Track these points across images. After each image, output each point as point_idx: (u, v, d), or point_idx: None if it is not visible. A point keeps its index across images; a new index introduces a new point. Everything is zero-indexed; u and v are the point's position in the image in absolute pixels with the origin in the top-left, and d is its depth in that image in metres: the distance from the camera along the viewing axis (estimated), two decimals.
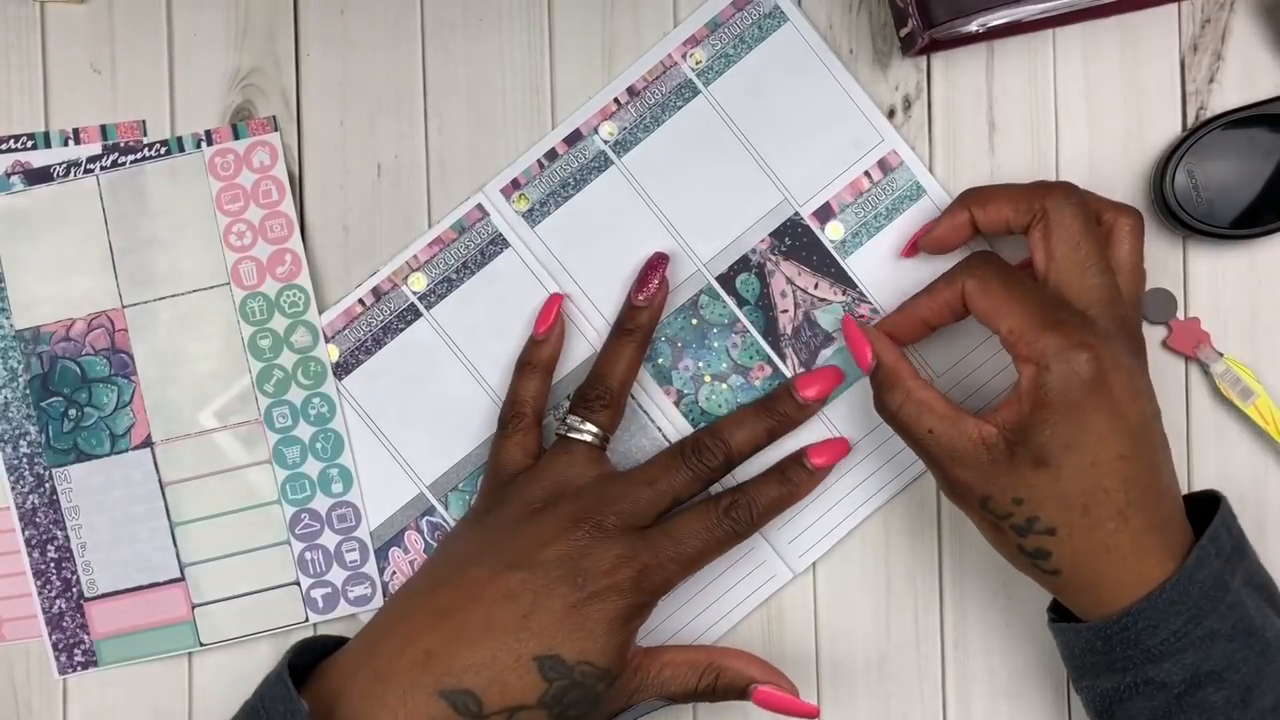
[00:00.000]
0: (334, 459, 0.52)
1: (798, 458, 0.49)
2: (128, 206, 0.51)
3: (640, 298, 0.49)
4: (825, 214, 0.52)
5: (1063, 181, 0.46)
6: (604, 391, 0.48)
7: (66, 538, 0.51)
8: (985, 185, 0.48)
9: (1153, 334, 0.52)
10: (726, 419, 0.49)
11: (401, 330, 0.52)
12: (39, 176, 0.51)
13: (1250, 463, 0.52)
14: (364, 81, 0.52)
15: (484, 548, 0.46)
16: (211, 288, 0.52)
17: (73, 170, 0.51)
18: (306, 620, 0.51)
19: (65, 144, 0.51)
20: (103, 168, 0.51)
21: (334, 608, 0.51)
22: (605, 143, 0.52)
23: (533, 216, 0.52)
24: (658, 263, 0.50)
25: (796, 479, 0.48)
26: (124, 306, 0.51)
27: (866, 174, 0.52)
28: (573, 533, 0.45)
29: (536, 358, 0.50)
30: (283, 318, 0.51)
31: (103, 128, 0.51)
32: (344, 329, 0.52)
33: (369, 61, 0.52)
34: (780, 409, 0.49)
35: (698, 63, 0.52)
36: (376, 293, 0.52)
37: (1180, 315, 0.52)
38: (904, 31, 0.50)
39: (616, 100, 0.52)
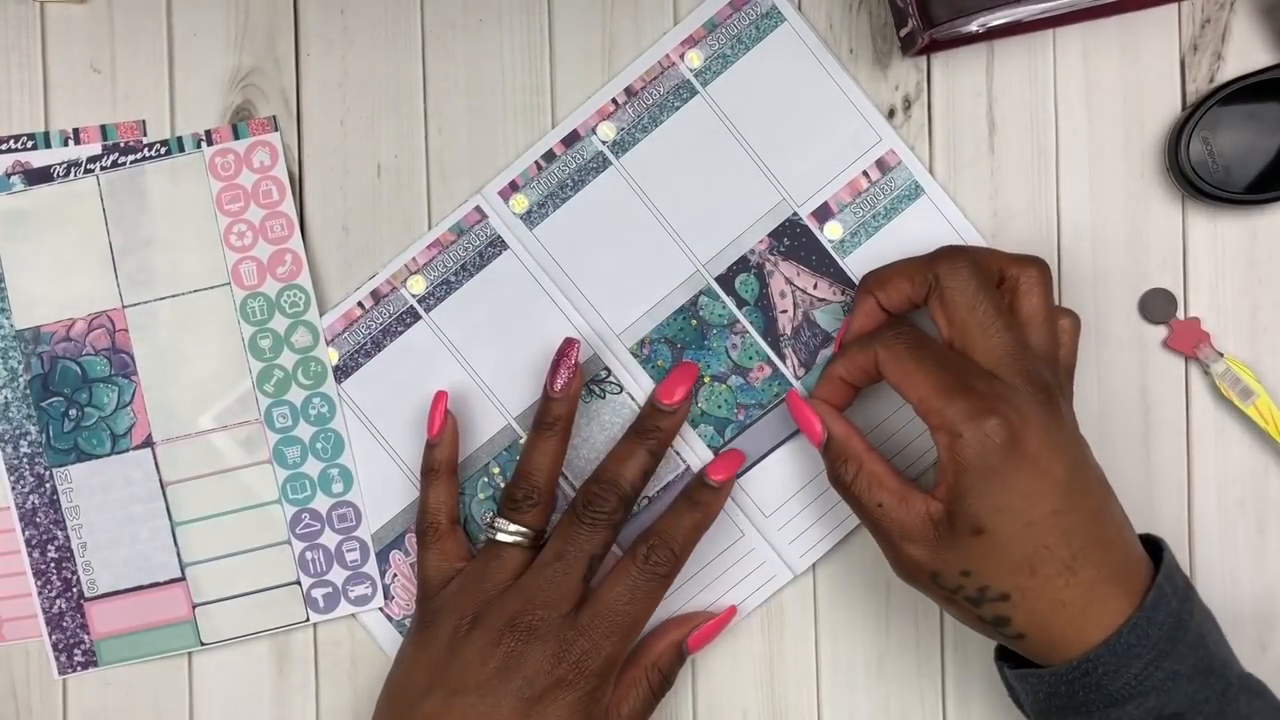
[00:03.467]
0: (334, 459, 0.52)
1: (699, 479, 0.48)
2: (128, 206, 0.51)
3: (557, 389, 0.48)
4: (824, 214, 0.52)
5: (951, 246, 0.46)
6: (531, 490, 0.48)
7: (67, 538, 0.51)
8: (884, 266, 0.47)
9: (1153, 334, 0.52)
10: (607, 459, 0.48)
11: (401, 333, 0.52)
12: (39, 176, 0.51)
13: (1250, 463, 0.52)
14: (364, 81, 0.52)
15: (430, 677, 0.46)
16: (212, 288, 0.52)
17: (73, 170, 0.51)
18: (307, 620, 0.51)
19: (65, 144, 0.51)
20: (103, 168, 0.51)
21: (334, 607, 0.51)
22: (603, 143, 0.52)
23: (531, 218, 0.52)
24: (568, 349, 0.48)
25: (704, 500, 0.48)
26: (124, 306, 0.51)
27: (865, 174, 0.52)
28: (505, 643, 0.45)
29: (435, 462, 0.49)
30: (283, 318, 0.51)
31: (103, 128, 0.51)
32: (343, 332, 0.52)
33: (369, 61, 0.52)
34: (652, 424, 0.48)
35: (695, 63, 0.52)
36: (375, 296, 0.52)
37: (1180, 315, 0.52)
38: (904, 31, 0.50)
39: (614, 101, 0.52)
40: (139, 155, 0.51)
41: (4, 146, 0.51)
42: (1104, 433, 0.52)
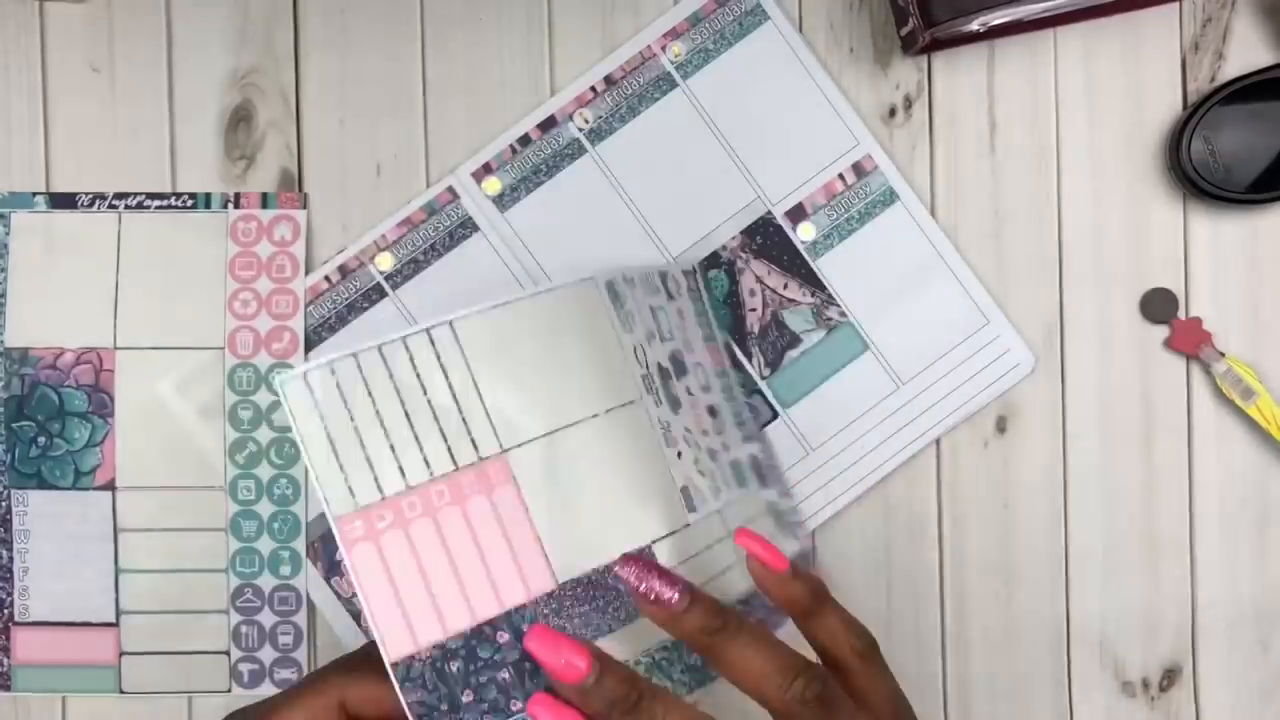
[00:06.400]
0: (288, 541, 0.51)
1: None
2: (142, 251, 0.51)
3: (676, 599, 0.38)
4: (798, 214, 0.51)
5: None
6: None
7: (10, 559, 0.51)
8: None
9: (1154, 334, 0.52)
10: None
11: (365, 309, 0.51)
12: (63, 201, 0.51)
13: (1251, 463, 0.52)
14: (364, 81, 0.52)
15: None
16: (205, 349, 0.51)
17: (97, 202, 0.51)
18: (229, 690, 0.51)
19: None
20: (127, 206, 0.51)
21: (258, 685, 0.51)
22: (580, 130, 0.51)
23: (503, 201, 0.51)
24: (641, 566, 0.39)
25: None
26: (116, 348, 0.51)
27: (840, 176, 0.51)
28: None
29: None
30: (268, 393, 0.51)
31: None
32: (309, 304, 0.51)
33: (369, 61, 0.52)
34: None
35: (676, 55, 0.51)
36: (343, 270, 0.51)
37: (1182, 315, 0.52)
38: (904, 31, 0.50)
39: (593, 88, 0.51)
40: (164, 203, 0.51)
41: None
42: (1105, 432, 0.52)
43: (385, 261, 0.51)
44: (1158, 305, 0.51)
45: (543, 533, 0.39)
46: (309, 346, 0.51)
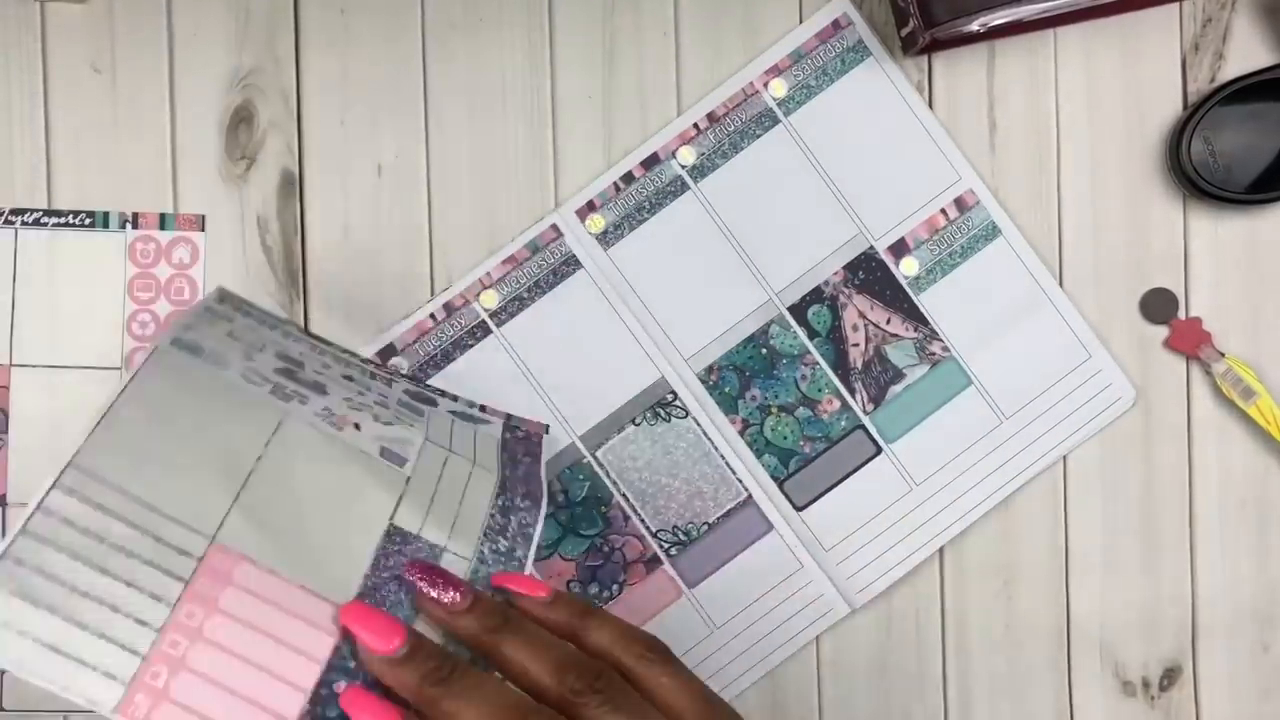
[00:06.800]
0: None
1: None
2: (40, 268, 0.51)
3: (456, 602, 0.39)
4: (900, 249, 0.51)
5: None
6: None
7: None
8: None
9: (1154, 334, 0.52)
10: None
11: (471, 346, 0.51)
12: None
13: (1252, 463, 0.52)
14: (364, 81, 0.52)
15: None
16: (104, 369, 0.51)
17: None
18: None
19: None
20: (24, 223, 0.51)
21: None
22: (683, 168, 0.51)
23: (607, 239, 0.52)
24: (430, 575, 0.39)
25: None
26: (12, 365, 0.51)
27: (943, 211, 0.51)
28: None
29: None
30: None
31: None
32: (414, 343, 0.51)
33: (369, 61, 0.52)
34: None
35: (779, 92, 0.51)
36: (448, 308, 0.51)
37: (1182, 315, 0.52)
38: (905, 31, 0.50)
39: (696, 126, 0.51)
40: (62, 220, 0.51)
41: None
42: (1104, 433, 0.52)
43: (490, 299, 0.51)
44: (1157, 305, 0.52)
45: (301, 578, 0.37)
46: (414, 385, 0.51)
